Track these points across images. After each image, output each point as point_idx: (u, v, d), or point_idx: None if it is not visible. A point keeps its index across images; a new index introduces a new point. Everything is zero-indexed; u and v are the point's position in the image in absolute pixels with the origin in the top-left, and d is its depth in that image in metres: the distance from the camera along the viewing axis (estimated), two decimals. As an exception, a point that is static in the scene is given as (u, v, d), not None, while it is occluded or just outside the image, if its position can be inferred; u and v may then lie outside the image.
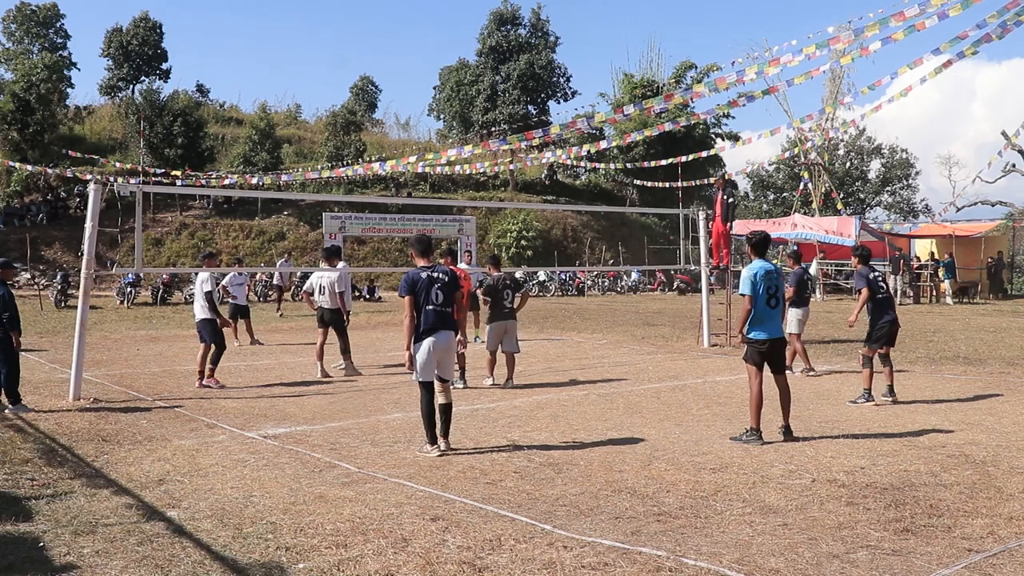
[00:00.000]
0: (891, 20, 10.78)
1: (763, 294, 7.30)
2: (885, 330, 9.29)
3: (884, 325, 9.28)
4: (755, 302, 7.29)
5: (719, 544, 4.69)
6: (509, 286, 10.93)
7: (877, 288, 9.33)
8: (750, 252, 7.70)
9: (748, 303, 7.31)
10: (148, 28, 45.87)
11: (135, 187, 11.27)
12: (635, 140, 28.18)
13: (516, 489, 5.85)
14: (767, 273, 7.36)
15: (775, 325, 7.40)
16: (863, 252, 9.82)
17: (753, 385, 7.35)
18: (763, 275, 7.34)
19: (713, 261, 15.80)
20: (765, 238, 7.77)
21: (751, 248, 7.68)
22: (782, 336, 7.49)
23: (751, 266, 7.46)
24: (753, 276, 7.33)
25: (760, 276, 7.33)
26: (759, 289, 7.31)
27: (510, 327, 10.80)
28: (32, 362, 12.48)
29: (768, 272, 7.38)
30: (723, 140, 45.52)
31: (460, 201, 38.44)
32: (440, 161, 17.60)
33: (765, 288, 7.31)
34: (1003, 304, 27.23)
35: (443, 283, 6.93)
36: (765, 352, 7.36)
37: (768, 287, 7.32)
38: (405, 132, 54.94)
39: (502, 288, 10.85)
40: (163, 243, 33.90)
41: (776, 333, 7.39)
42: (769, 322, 7.34)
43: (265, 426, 8.07)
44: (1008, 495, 5.65)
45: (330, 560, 4.46)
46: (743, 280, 7.40)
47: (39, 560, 4.49)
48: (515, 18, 47.24)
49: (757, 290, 7.30)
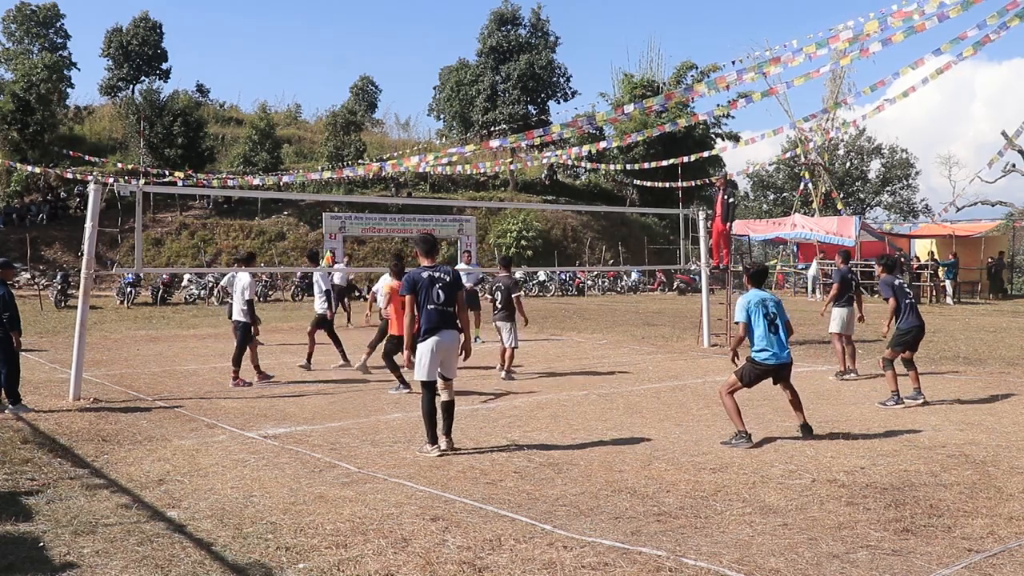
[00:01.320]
0: (890, 20, 10.77)
1: (762, 320, 7.40)
2: (911, 335, 9.36)
3: (911, 331, 9.35)
4: (751, 329, 7.41)
5: (719, 544, 4.69)
6: (499, 288, 11.70)
7: (904, 295, 9.45)
8: (747, 282, 7.85)
9: (742, 330, 7.46)
10: (148, 28, 45.83)
11: (135, 187, 11.28)
12: (635, 140, 28.16)
13: (516, 489, 5.85)
14: (761, 301, 7.48)
15: (783, 351, 7.42)
16: (889, 261, 9.86)
17: (727, 400, 7.37)
18: (757, 303, 7.45)
19: (713, 261, 15.79)
20: (763, 270, 8.06)
21: (748, 278, 7.85)
22: (789, 362, 7.52)
23: (746, 295, 7.61)
24: (747, 304, 7.48)
25: (754, 304, 7.45)
26: (754, 316, 7.42)
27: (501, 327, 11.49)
28: (32, 362, 12.48)
29: (763, 300, 7.49)
30: (723, 140, 45.50)
31: (460, 201, 38.45)
32: (442, 160, 17.56)
33: (762, 315, 7.40)
34: (1003, 304, 27.24)
35: (444, 283, 6.92)
36: (764, 375, 7.44)
37: (765, 314, 7.41)
38: (405, 132, 55.02)
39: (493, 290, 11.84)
40: (163, 243, 33.90)
41: (783, 359, 7.41)
42: (775, 347, 7.38)
43: (265, 426, 8.07)
44: (1008, 495, 5.65)
45: (330, 560, 4.46)
46: (738, 308, 7.56)
47: (39, 560, 4.49)
48: (515, 18, 47.18)
49: (751, 317, 7.42)
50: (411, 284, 6.92)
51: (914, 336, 9.38)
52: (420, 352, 6.88)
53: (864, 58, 12.24)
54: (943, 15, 10.47)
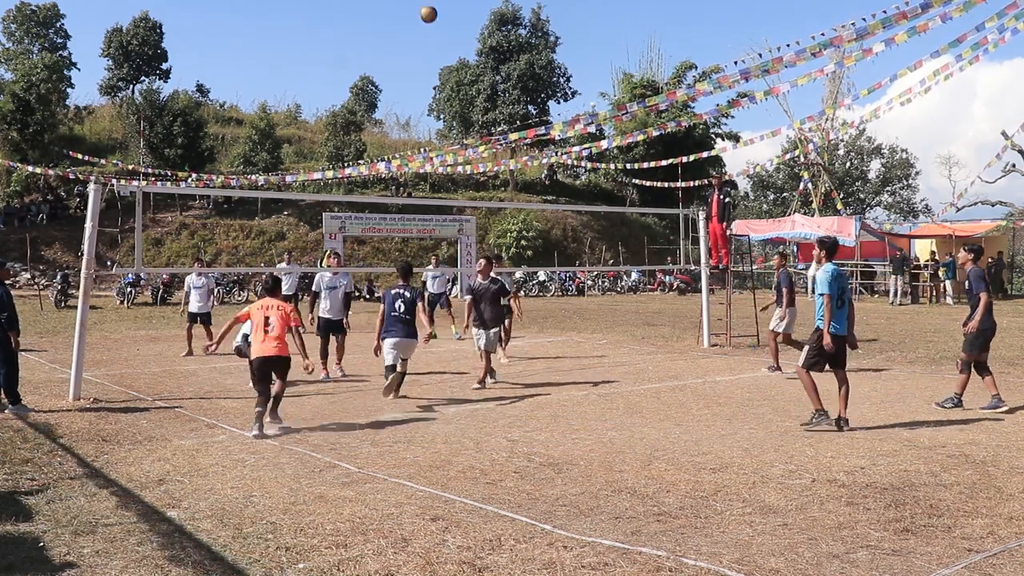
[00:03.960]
0: (894, 20, 10.73)
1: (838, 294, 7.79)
2: (989, 336, 8.86)
3: (990, 330, 8.83)
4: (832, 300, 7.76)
5: (719, 544, 4.69)
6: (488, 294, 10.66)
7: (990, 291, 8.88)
8: (822, 255, 8.10)
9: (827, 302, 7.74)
10: (148, 28, 45.79)
11: (135, 187, 11.28)
12: (635, 140, 28.14)
13: (516, 489, 5.85)
14: (840, 275, 7.90)
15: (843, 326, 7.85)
16: (977, 248, 9.05)
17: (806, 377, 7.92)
18: (836, 276, 7.84)
19: (712, 261, 15.76)
20: (835, 241, 8.35)
21: (824, 252, 8.10)
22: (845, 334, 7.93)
23: (826, 267, 7.90)
24: (829, 277, 7.80)
25: (834, 277, 7.82)
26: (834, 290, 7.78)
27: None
28: (32, 362, 12.47)
29: (841, 274, 7.92)
30: (723, 140, 45.49)
31: (460, 201, 38.44)
32: (446, 160, 17.59)
33: (839, 289, 7.80)
34: (1003, 304, 27.23)
35: (405, 298, 9.57)
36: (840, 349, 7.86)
37: (841, 288, 7.84)
38: (405, 132, 55.02)
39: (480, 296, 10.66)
40: (163, 243, 33.91)
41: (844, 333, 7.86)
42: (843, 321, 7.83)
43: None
44: (1008, 495, 5.65)
45: (330, 560, 4.46)
46: (821, 281, 7.83)
47: (39, 560, 4.49)
48: (515, 18, 47.14)
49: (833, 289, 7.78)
50: (384, 297, 9.74)
51: (991, 336, 8.83)
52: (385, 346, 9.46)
53: (867, 58, 12.19)
54: (946, 15, 10.44)
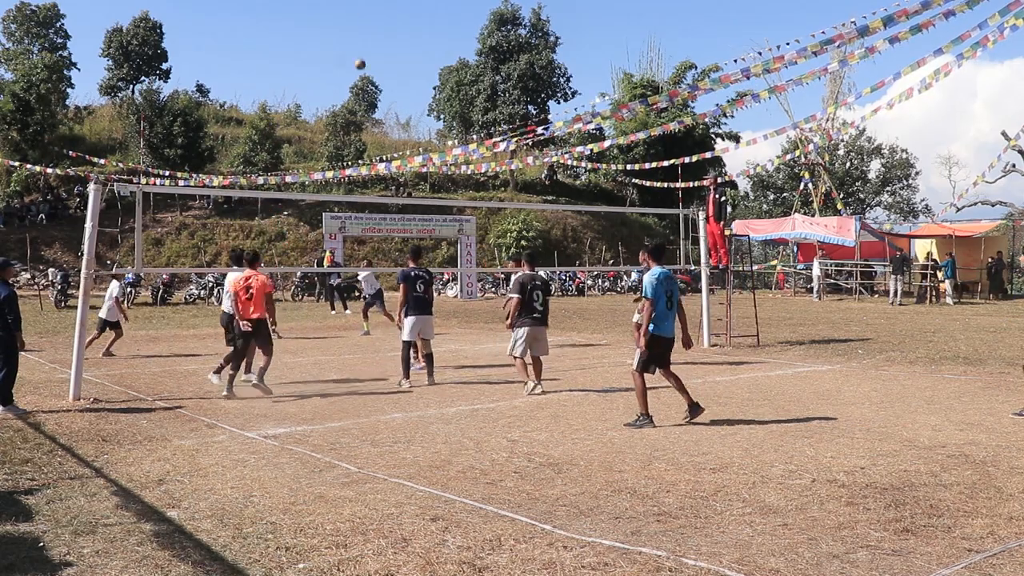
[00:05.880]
0: (896, 17, 10.69)
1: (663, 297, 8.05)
2: None
3: None
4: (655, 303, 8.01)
5: (719, 544, 4.69)
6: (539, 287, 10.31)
7: None
8: (648, 259, 8.44)
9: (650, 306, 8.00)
10: (148, 28, 45.83)
11: (135, 187, 11.28)
12: (636, 140, 28.15)
13: (516, 489, 5.85)
14: (667, 278, 8.15)
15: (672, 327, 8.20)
16: None
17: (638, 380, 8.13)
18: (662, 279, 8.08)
19: (711, 261, 15.78)
20: (661, 246, 8.62)
21: (649, 255, 8.46)
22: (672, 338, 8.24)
23: (652, 272, 8.16)
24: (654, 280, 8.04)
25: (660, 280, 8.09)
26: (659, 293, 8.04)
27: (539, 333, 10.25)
28: (32, 362, 12.47)
29: (668, 277, 8.17)
30: (723, 140, 45.50)
31: (460, 201, 38.45)
32: (448, 161, 17.55)
33: (664, 292, 8.06)
34: (1003, 304, 27.23)
35: (424, 279, 10.47)
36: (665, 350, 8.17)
37: (667, 291, 8.09)
38: (405, 132, 55.03)
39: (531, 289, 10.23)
40: (163, 243, 33.92)
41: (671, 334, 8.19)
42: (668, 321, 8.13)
43: (265, 426, 8.06)
44: (1008, 495, 5.65)
45: (330, 560, 4.46)
46: (646, 285, 8.08)
47: (39, 560, 4.49)
48: (515, 18, 47.15)
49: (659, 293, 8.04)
50: (403, 276, 10.57)
51: None
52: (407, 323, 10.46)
53: (870, 57, 12.15)
54: (949, 12, 10.41)
